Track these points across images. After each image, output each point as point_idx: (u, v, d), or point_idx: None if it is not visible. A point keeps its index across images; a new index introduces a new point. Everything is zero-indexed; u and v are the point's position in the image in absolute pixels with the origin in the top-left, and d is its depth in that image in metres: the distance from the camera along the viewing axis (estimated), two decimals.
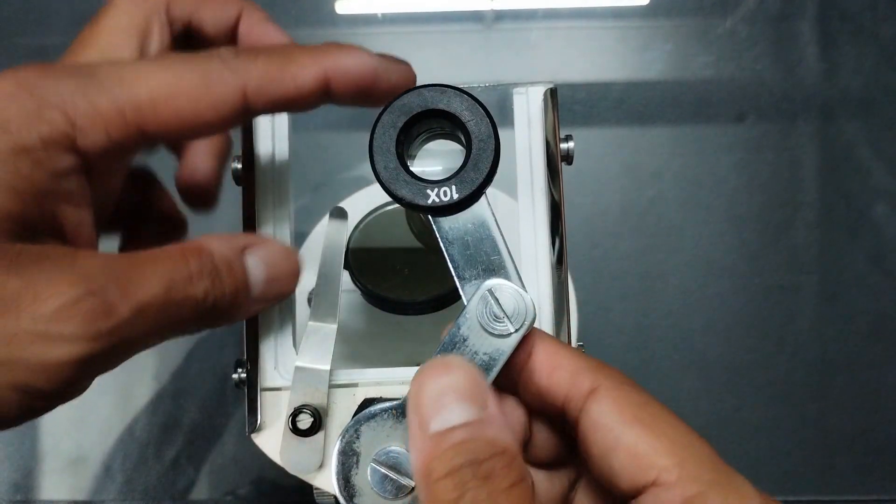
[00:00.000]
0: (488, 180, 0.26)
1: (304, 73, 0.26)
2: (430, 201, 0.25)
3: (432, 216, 0.26)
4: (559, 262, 0.31)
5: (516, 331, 0.25)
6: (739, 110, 0.58)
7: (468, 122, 0.26)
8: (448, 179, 0.25)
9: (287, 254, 0.28)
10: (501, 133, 0.26)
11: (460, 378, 0.23)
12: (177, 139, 0.26)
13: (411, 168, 0.26)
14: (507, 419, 0.23)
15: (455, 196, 0.25)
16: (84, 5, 0.27)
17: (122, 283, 0.23)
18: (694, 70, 0.59)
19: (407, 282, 0.37)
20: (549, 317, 0.31)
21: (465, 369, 0.24)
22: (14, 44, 0.60)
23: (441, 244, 0.26)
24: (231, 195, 0.33)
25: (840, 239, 0.56)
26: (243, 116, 0.26)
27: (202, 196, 0.34)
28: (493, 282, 0.25)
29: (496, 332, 0.25)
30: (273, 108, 0.26)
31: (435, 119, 0.26)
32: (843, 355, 0.55)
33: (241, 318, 0.28)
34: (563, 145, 0.32)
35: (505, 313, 0.25)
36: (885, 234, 0.56)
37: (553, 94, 0.32)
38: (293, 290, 0.29)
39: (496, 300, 0.25)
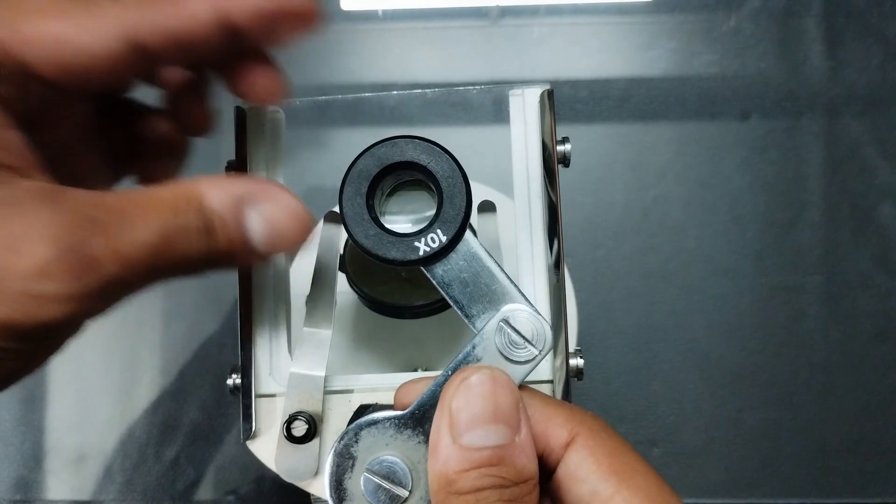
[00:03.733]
0: (468, 212, 0.25)
1: (198, 2, 0.24)
2: (421, 252, 0.25)
3: (425, 266, 0.26)
4: (556, 266, 0.31)
5: (540, 352, 0.25)
6: (744, 108, 0.58)
7: (428, 164, 0.25)
8: (430, 225, 0.25)
9: (293, 211, 0.25)
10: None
11: (505, 398, 0.23)
12: (73, 82, 0.24)
13: (388, 226, 0.26)
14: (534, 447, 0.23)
15: (444, 238, 0.25)
16: None
17: (108, 234, 0.22)
18: (698, 68, 0.59)
19: (404, 285, 0.37)
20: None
21: (512, 390, 0.23)
22: None
23: (441, 290, 0.26)
24: None
25: (845, 239, 0.56)
26: (142, 58, 0.24)
27: (196, 121, 0.31)
28: (506, 310, 0.25)
29: (521, 360, 0.25)
30: (172, 47, 0.24)
31: (395, 172, 0.26)
32: (847, 357, 0.54)
33: (247, 266, 0.26)
34: (560, 147, 0.31)
35: (525, 339, 0.25)
36: (890, 235, 0.56)
37: (550, 96, 0.31)
38: (302, 244, 0.26)
39: (513, 328, 0.25)
